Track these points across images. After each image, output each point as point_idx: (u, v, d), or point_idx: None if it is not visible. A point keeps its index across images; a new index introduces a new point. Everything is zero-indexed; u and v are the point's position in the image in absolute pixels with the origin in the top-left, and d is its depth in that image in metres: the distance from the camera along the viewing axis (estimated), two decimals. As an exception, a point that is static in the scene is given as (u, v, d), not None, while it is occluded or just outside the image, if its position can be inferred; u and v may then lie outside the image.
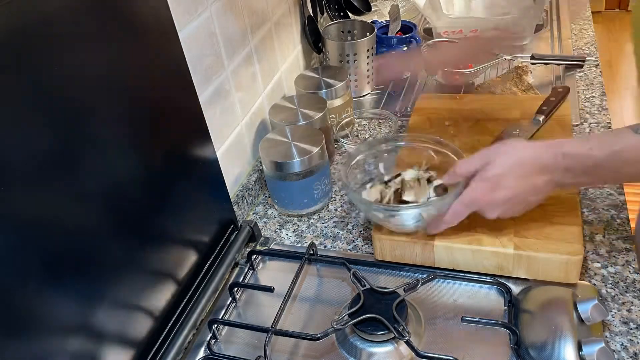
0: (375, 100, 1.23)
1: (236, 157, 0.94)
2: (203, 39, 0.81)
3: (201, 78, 0.81)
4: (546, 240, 0.71)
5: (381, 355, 0.67)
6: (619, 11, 3.71)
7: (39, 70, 0.49)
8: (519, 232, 0.73)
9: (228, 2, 0.88)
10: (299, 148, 0.88)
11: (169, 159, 0.70)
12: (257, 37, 1.00)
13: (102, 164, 0.58)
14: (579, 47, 1.29)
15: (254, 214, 0.96)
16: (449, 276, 0.75)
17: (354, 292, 0.73)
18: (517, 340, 0.65)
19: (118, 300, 0.61)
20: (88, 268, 0.56)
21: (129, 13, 0.61)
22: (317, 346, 0.70)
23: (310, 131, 0.92)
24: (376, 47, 1.22)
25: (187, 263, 0.74)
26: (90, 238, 0.56)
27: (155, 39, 0.66)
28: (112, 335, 0.60)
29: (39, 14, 0.49)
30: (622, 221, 0.81)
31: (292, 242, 0.88)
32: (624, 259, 0.76)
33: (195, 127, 0.76)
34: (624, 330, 0.67)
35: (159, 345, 0.68)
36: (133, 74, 0.62)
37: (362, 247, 0.85)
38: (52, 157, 0.51)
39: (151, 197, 0.66)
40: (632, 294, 0.72)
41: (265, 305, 0.78)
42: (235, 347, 0.73)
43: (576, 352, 0.61)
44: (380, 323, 0.67)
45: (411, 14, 1.53)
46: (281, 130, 0.93)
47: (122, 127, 0.61)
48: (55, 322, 0.52)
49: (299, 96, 1.03)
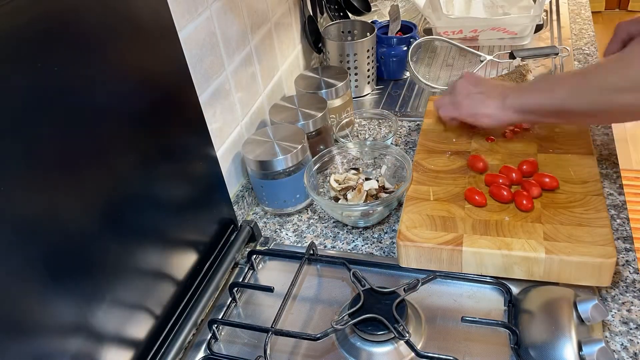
0: (375, 100, 1.23)
1: (236, 157, 0.94)
2: (203, 39, 0.81)
3: (201, 78, 0.81)
4: (577, 243, 0.70)
5: (381, 355, 0.68)
6: (619, 11, 3.71)
7: (39, 70, 0.49)
8: (548, 235, 0.72)
9: (228, 2, 0.88)
10: (282, 146, 0.89)
11: (169, 159, 0.70)
12: (257, 37, 1.00)
13: (101, 164, 0.58)
14: (579, 47, 1.29)
15: (254, 214, 0.96)
16: (448, 276, 0.75)
17: (354, 292, 0.73)
18: (517, 340, 0.65)
19: (118, 300, 0.61)
20: (88, 268, 0.56)
21: (129, 13, 0.61)
22: (317, 346, 0.70)
23: (291, 129, 0.93)
24: (376, 47, 1.22)
25: (187, 263, 0.74)
26: (90, 238, 0.56)
27: (155, 39, 0.66)
28: (112, 336, 0.60)
29: (39, 14, 0.49)
30: (622, 221, 0.81)
31: (292, 242, 0.88)
32: (623, 259, 0.76)
33: (195, 127, 0.76)
34: (624, 330, 0.67)
35: (159, 345, 0.68)
36: (133, 74, 0.62)
37: (362, 247, 0.85)
38: (52, 157, 0.51)
39: (151, 197, 0.66)
40: (632, 294, 0.72)
41: (265, 305, 0.78)
42: (235, 347, 0.73)
43: (576, 352, 0.61)
44: (380, 323, 0.67)
45: (411, 14, 1.53)
46: (263, 131, 0.94)
47: (121, 127, 0.61)
48: (55, 322, 0.52)
49: (299, 96, 1.03)
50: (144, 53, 0.64)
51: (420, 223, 0.77)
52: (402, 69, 1.28)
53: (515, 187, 0.80)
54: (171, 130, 0.70)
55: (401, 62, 1.26)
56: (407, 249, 0.75)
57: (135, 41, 0.62)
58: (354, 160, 0.98)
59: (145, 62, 0.64)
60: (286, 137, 0.90)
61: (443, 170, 0.86)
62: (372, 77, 1.24)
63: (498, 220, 0.75)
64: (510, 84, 0.89)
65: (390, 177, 0.92)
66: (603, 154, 0.93)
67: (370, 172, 0.97)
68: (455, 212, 0.78)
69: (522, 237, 0.72)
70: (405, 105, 1.19)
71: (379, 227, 0.88)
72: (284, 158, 0.87)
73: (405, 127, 1.11)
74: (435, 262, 0.75)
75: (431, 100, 1.03)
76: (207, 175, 0.79)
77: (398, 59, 1.26)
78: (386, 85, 1.27)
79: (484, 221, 0.75)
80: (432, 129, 0.96)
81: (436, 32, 1.36)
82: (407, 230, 0.76)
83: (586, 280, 0.69)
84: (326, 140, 1.01)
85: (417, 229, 0.76)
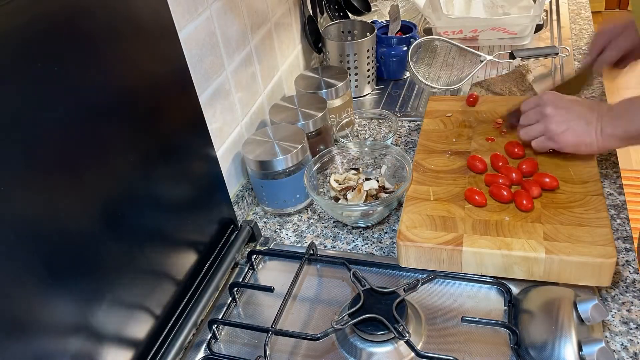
0: (375, 100, 1.23)
1: (236, 157, 0.94)
2: (203, 39, 0.81)
3: (201, 78, 0.81)
4: (577, 243, 0.70)
5: (381, 355, 0.67)
6: (619, 11, 3.71)
7: (38, 70, 0.49)
8: (548, 235, 0.72)
9: (228, 2, 0.88)
10: (282, 147, 0.89)
11: (169, 159, 0.70)
12: (257, 37, 1.00)
13: (101, 164, 0.58)
14: (579, 47, 1.29)
15: (254, 214, 0.96)
16: (448, 276, 0.75)
17: (354, 292, 0.73)
18: (517, 340, 0.65)
19: (118, 300, 0.61)
20: (88, 268, 0.56)
21: (129, 13, 0.61)
22: (317, 346, 0.70)
23: (291, 129, 0.93)
24: (376, 47, 1.22)
25: (187, 263, 0.74)
26: (90, 238, 0.56)
27: (155, 39, 0.66)
28: (112, 336, 0.60)
29: (39, 14, 0.49)
30: (622, 221, 0.81)
31: (292, 242, 0.88)
32: (623, 259, 0.76)
33: (195, 127, 0.76)
34: (624, 330, 0.67)
35: (159, 345, 0.68)
36: (133, 74, 0.62)
37: (362, 247, 0.85)
38: (52, 157, 0.51)
39: (151, 197, 0.66)
40: (632, 294, 0.72)
41: (265, 305, 0.78)
42: (235, 347, 0.73)
43: (576, 352, 0.61)
44: (380, 323, 0.67)
45: (411, 14, 1.53)
46: (263, 131, 0.94)
47: (121, 127, 0.61)
48: (55, 322, 0.52)
49: (299, 96, 1.03)
50: (144, 53, 0.64)
51: (421, 223, 0.77)
52: (402, 69, 1.28)
53: (515, 187, 0.80)
54: (171, 130, 0.70)
55: (401, 62, 1.26)
56: (407, 249, 0.75)
57: (135, 41, 0.62)
58: (354, 160, 0.98)
59: (145, 62, 0.64)
60: (286, 137, 0.90)
61: (443, 170, 0.86)
62: (372, 77, 1.24)
63: (498, 220, 0.75)
64: (597, 105, 0.80)
65: (390, 177, 0.93)
66: (603, 154, 0.93)
67: (370, 172, 0.97)
68: (455, 212, 0.78)
69: (522, 237, 0.72)
70: (405, 105, 1.19)
71: (379, 227, 0.88)
72: (284, 158, 0.87)
73: (405, 127, 1.11)
74: (436, 262, 0.75)
75: (432, 101, 1.04)
76: (207, 175, 0.79)
77: (398, 59, 1.26)
78: (386, 85, 1.27)
79: (484, 221, 0.75)
80: (432, 129, 0.96)
81: (436, 32, 1.36)
82: (407, 230, 0.76)
83: (586, 280, 0.69)
84: (326, 140, 1.01)
85: (417, 229, 0.76)
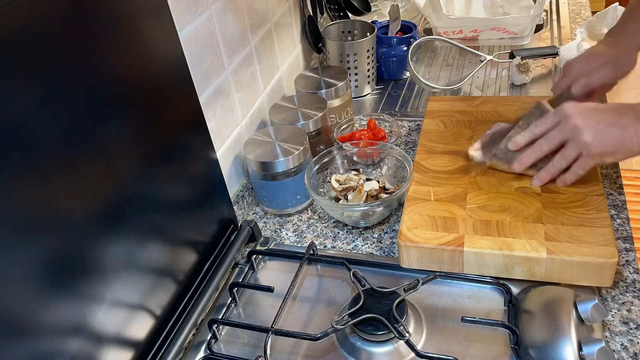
0: (375, 100, 1.23)
1: (236, 157, 0.94)
2: (203, 39, 0.81)
3: (201, 78, 0.81)
4: (579, 243, 0.70)
5: (381, 355, 0.67)
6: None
7: (38, 70, 0.49)
8: (549, 236, 0.72)
9: (228, 2, 0.88)
10: (283, 148, 0.88)
11: (169, 159, 0.70)
12: (257, 37, 1.00)
13: (101, 164, 0.58)
14: (579, 47, 1.28)
15: (254, 214, 0.96)
16: (448, 276, 0.75)
17: (354, 292, 0.73)
18: (517, 340, 0.65)
19: (118, 300, 0.61)
20: (88, 268, 0.56)
21: (129, 13, 0.61)
22: (317, 346, 0.70)
23: (293, 130, 0.93)
24: (376, 47, 1.22)
25: (187, 263, 0.74)
26: (90, 238, 0.56)
27: (155, 39, 0.66)
28: (112, 336, 0.60)
29: (39, 13, 0.49)
30: (622, 221, 0.81)
31: (292, 242, 0.88)
32: (624, 259, 0.76)
33: (195, 127, 0.76)
34: (624, 330, 0.67)
35: (159, 345, 0.68)
36: (133, 74, 0.62)
37: (362, 247, 0.85)
38: (52, 157, 0.51)
39: (151, 197, 0.66)
40: (632, 294, 0.72)
41: (265, 305, 0.78)
42: (235, 347, 0.73)
43: (576, 352, 0.61)
44: (380, 323, 0.67)
45: (411, 14, 1.53)
46: (264, 131, 0.94)
47: (121, 127, 0.61)
48: (55, 322, 0.52)
49: (299, 96, 1.03)
50: (144, 53, 0.64)
51: (421, 223, 0.77)
52: (402, 69, 1.28)
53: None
54: (171, 130, 0.70)
55: (401, 62, 1.26)
56: (408, 249, 0.75)
57: (136, 41, 0.62)
58: (354, 161, 0.98)
59: (145, 62, 0.64)
60: (288, 138, 0.90)
61: (444, 170, 0.86)
62: (372, 77, 1.24)
63: (499, 221, 0.75)
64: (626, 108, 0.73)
65: (390, 177, 0.93)
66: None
67: (370, 172, 0.97)
68: (456, 213, 0.78)
69: (523, 237, 0.72)
70: (405, 105, 1.19)
71: (379, 227, 0.88)
72: (286, 160, 0.87)
73: (405, 127, 1.11)
74: (437, 262, 0.75)
75: (432, 101, 1.04)
76: (207, 175, 0.79)
77: (398, 59, 1.26)
78: (386, 85, 1.27)
79: (485, 221, 0.75)
80: (432, 129, 0.96)
81: (436, 32, 1.36)
82: (408, 230, 0.76)
83: (587, 281, 0.69)
84: (326, 140, 1.01)
85: (418, 230, 0.76)
